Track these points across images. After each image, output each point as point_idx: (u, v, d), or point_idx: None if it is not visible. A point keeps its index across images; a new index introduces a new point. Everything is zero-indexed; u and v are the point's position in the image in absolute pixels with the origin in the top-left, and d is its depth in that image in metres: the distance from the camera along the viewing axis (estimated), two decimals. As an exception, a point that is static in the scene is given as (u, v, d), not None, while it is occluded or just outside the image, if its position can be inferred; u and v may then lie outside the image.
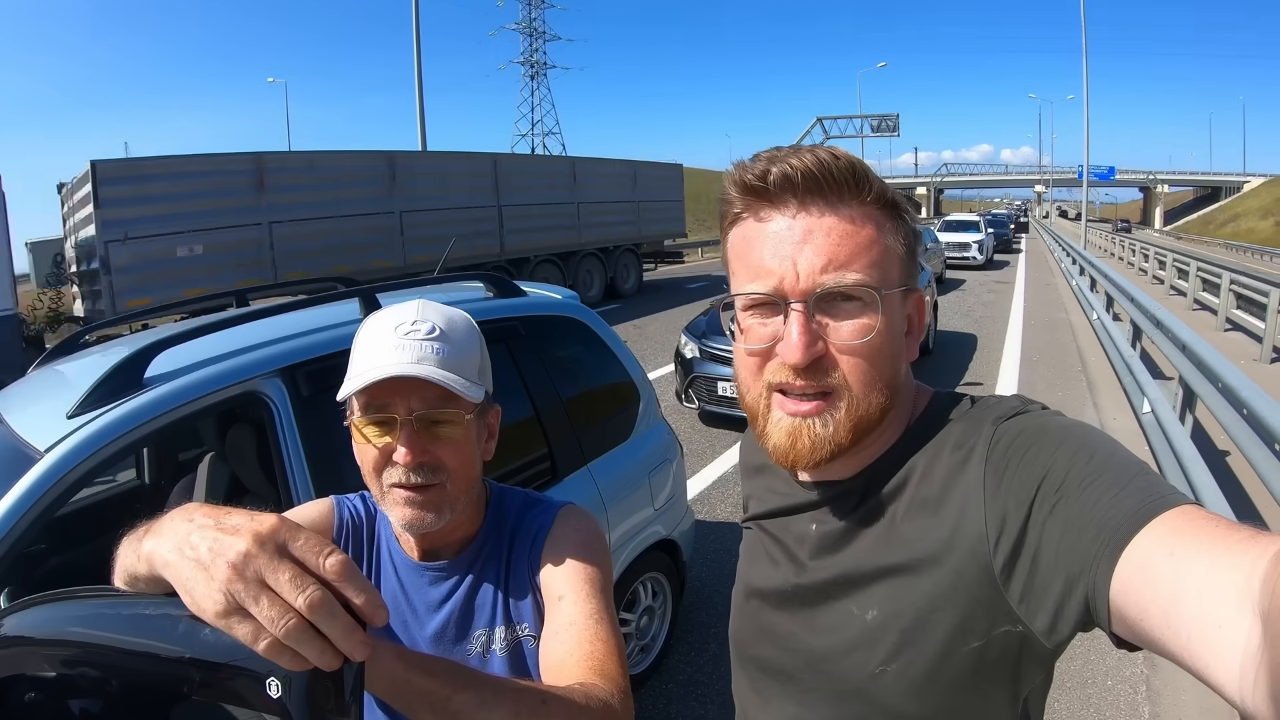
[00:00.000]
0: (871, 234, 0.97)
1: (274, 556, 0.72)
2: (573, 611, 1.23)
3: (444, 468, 1.23)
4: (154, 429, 2.34)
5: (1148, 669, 4.15)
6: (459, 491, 1.26)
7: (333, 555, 0.75)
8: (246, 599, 0.71)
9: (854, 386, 0.97)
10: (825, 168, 0.95)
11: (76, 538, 3.41)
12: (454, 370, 1.21)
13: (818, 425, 0.98)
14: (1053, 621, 0.85)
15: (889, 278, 0.98)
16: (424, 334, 1.22)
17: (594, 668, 1.14)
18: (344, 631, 0.73)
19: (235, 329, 2.77)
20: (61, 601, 0.97)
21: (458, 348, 1.24)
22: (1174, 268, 22.17)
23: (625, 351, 4.08)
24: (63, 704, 1.40)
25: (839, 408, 0.98)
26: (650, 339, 14.38)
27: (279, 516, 0.77)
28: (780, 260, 0.97)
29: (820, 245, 0.96)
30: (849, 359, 0.97)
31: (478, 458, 1.31)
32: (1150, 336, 9.40)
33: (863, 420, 0.98)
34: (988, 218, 36.99)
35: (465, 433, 1.25)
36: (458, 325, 1.28)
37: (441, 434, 1.23)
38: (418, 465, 1.21)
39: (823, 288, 0.95)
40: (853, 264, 0.95)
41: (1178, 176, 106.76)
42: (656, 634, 4.21)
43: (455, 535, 1.36)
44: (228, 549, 0.72)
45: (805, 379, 0.97)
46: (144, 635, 0.83)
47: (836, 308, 0.96)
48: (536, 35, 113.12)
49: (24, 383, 3.07)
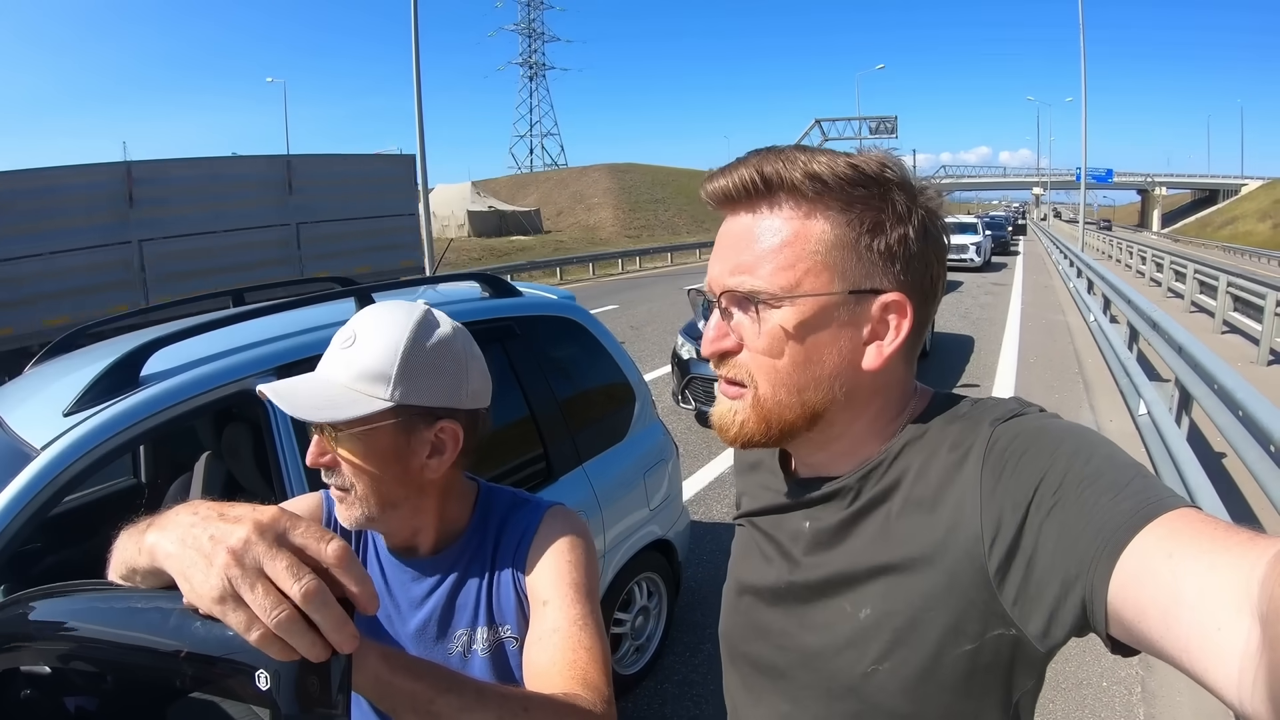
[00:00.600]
0: (786, 237, 0.98)
1: (273, 544, 0.74)
2: (557, 618, 1.23)
3: (347, 477, 1.24)
4: (150, 427, 2.35)
5: (1143, 670, 4.16)
6: (372, 501, 1.24)
7: (333, 542, 0.77)
8: (242, 586, 0.72)
9: (759, 384, 1.01)
10: (742, 181, 1.00)
11: (72, 536, 3.41)
12: (355, 380, 1.20)
13: (733, 408, 1.04)
14: (1047, 625, 0.85)
15: (805, 283, 0.97)
16: (340, 344, 1.24)
17: (577, 676, 1.15)
18: (336, 622, 0.74)
19: (230, 328, 2.78)
20: (55, 596, 0.98)
21: (367, 359, 1.21)
22: (1171, 270, 22.14)
23: (621, 352, 4.09)
24: (58, 701, 1.41)
25: (746, 399, 1.02)
26: (647, 340, 14.37)
27: (279, 507, 0.79)
28: (712, 263, 1.05)
29: (731, 249, 1.02)
30: (751, 356, 1.01)
31: (394, 473, 1.25)
32: (1147, 338, 9.37)
33: (772, 416, 1.01)
34: (985, 220, 36.92)
35: (361, 447, 1.21)
36: (381, 334, 1.24)
37: (347, 444, 1.21)
38: (325, 469, 1.24)
39: (727, 290, 1.01)
40: (755, 269, 0.98)
41: (1176, 179, 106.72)
42: (652, 634, 4.21)
43: (426, 536, 1.35)
44: (228, 535, 0.74)
45: (718, 369, 1.05)
46: (135, 628, 0.84)
47: (745, 308, 1.00)
48: (535, 36, 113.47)
49: (20, 381, 3.07)
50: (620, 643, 3.99)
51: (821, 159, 0.98)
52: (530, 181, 70.11)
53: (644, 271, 33.48)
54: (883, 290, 1.00)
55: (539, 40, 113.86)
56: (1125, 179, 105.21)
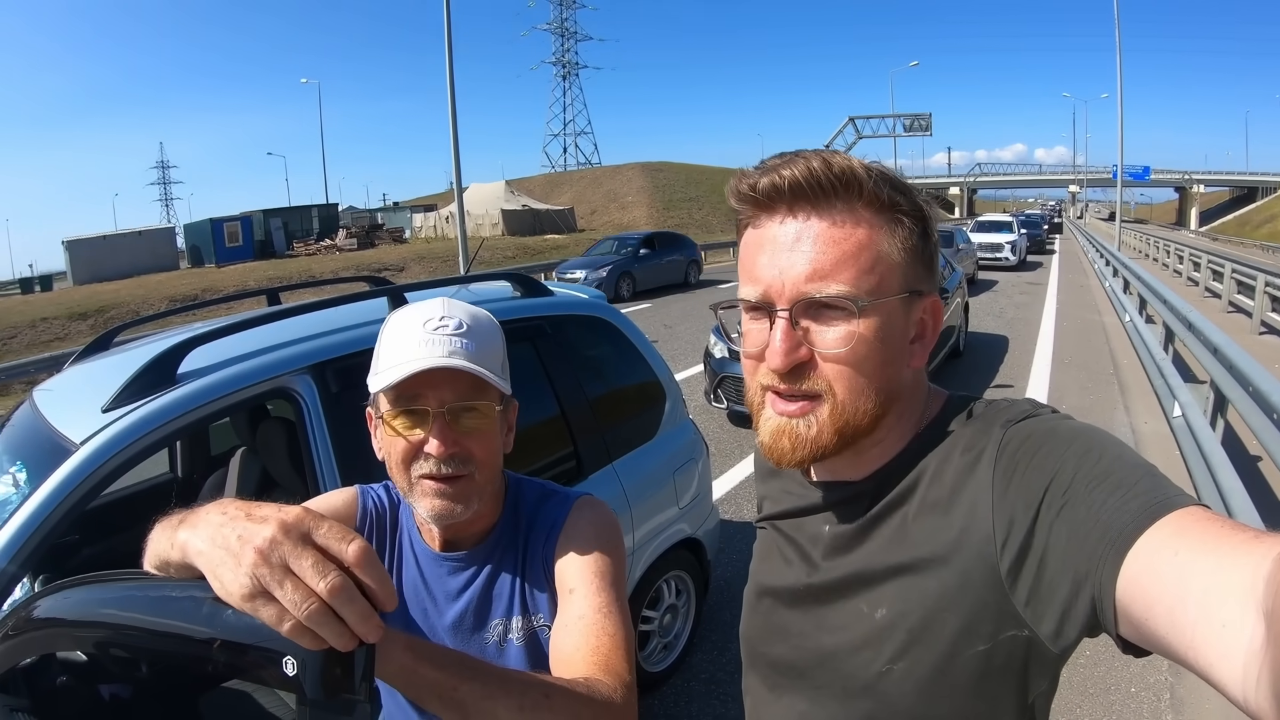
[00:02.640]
0: (861, 240, 0.97)
1: (298, 544, 0.77)
2: (582, 605, 1.25)
3: (473, 458, 1.26)
4: (187, 423, 2.39)
5: (1172, 677, 4.10)
6: (485, 481, 1.30)
7: (354, 542, 0.80)
8: (271, 583, 0.75)
9: (838, 393, 0.98)
10: (812, 175, 0.96)
11: (109, 529, 3.47)
12: (481, 364, 1.24)
13: (800, 426, 1.00)
14: (1059, 625, 0.86)
15: (882, 285, 0.97)
16: (452, 329, 1.26)
17: (599, 663, 1.17)
18: (361, 615, 0.77)
19: (265, 327, 2.82)
20: (91, 584, 1.01)
21: (483, 343, 1.27)
22: (1209, 269, 21.86)
23: (652, 351, 4.10)
24: (93, 689, 1.44)
25: (823, 411, 0.99)
26: (680, 339, 14.35)
27: (303, 507, 0.82)
28: (768, 268, 0.99)
29: (805, 254, 0.97)
30: (832, 366, 0.98)
31: (501, 449, 1.34)
32: (1182, 339, 9.25)
33: (848, 425, 0.99)
34: (1021, 218, 36.51)
35: (492, 424, 1.29)
36: (481, 321, 1.31)
37: (470, 425, 1.26)
38: (449, 457, 1.24)
39: (804, 297, 0.96)
40: (837, 273, 0.95)
41: (1213, 176, 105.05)
42: (679, 632, 4.22)
43: (476, 526, 1.39)
44: (255, 535, 0.77)
45: (788, 383, 0.99)
46: (169, 616, 0.87)
47: (820, 315, 0.97)
48: (568, 35, 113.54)
49: (59, 378, 3.14)
50: (648, 640, 4.00)
51: (858, 162, 0.99)
52: (564, 180, 70.09)
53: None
54: (928, 292, 1.04)
55: (572, 39, 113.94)
56: (1162, 176, 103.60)
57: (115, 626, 0.97)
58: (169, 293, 26.39)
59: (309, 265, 33.04)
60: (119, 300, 25.17)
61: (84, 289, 31.76)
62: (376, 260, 33.72)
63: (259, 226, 42.47)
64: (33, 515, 2.07)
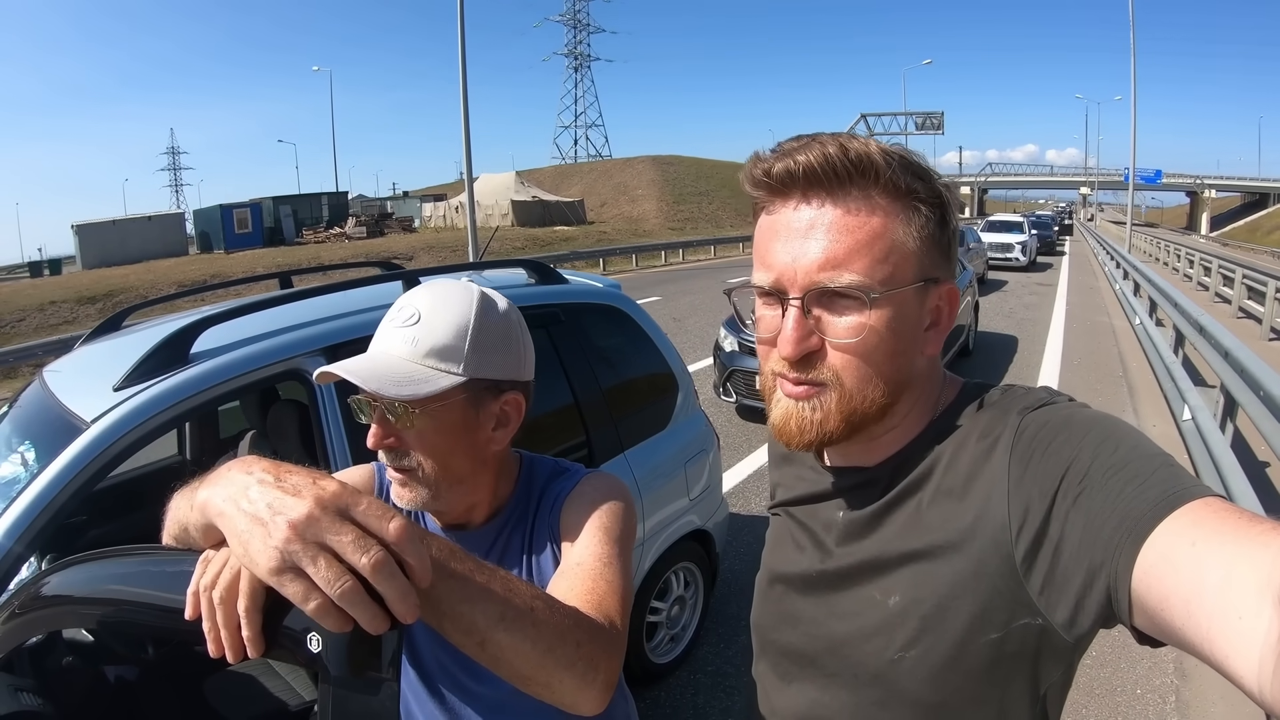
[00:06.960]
0: (876, 228, 0.95)
1: (336, 519, 0.74)
2: (581, 553, 1.21)
3: (410, 453, 1.24)
4: (200, 403, 2.39)
5: (1178, 679, 4.10)
6: (439, 479, 1.25)
7: (395, 519, 0.77)
8: (304, 559, 0.72)
9: (846, 381, 0.98)
10: (828, 161, 0.94)
11: (117, 510, 3.47)
12: (424, 357, 1.21)
13: (807, 409, 1.00)
14: (1073, 614, 0.85)
15: (896, 274, 0.96)
16: (401, 321, 1.23)
17: (593, 604, 1.09)
18: (401, 593, 0.75)
19: (278, 309, 2.82)
20: (101, 560, 0.99)
21: (437, 334, 1.22)
22: (1219, 274, 21.82)
23: (665, 342, 4.09)
24: (99, 670, 1.43)
25: (830, 397, 0.99)
26: (690, 332, 14.36)
27: (340, 482, 0.79)
28: (781, 255, 0.98)
29: (819, 242, 0.95)
30: (842, 355, 0.97)
31: (463, 447, 1.27)
32: (1193, 342, 9.26)
33: (856, 413, 0.99)
34: (1031, 218, 36.50)
35: (437, 421, 1.22)
36: (448, 310, 1.25)
37: (406, 423, 1.21)
38: (388, 451, 1.23)
39: (817, 286, 0.95)
40: (851, 263, 0.94)
41: (1225, 181, 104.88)
42: (687, 624, 4.22)
43: (480, 510, 1.36)
44: (290, 509, 0.74)
45: (798, 371, 0.99)
46: (181, 591, 0.84)
47: (833, 304, 0.97)
48: (580, 27, 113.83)
49: (71, 357, 3.13)
50: (655, 631, 4.00)
51: (876, 147, 0.97)
52: (574, 172, 70.28)
53: (687, 264, 33.31)
54: (944, 279, 1.03)
55: (584, 31, 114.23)
56: (1173, 180, 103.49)
57: (124, 603, 0.96)
58: (178, 278, 26.55)
59: (318, 253, 33.28)
60: (128, 285, 25.31)
61: (93, 273, 31.96)
62: (385, 249, 33.89)
63: (268, 213, 42.70)
64: (43, 492, 2.06)
